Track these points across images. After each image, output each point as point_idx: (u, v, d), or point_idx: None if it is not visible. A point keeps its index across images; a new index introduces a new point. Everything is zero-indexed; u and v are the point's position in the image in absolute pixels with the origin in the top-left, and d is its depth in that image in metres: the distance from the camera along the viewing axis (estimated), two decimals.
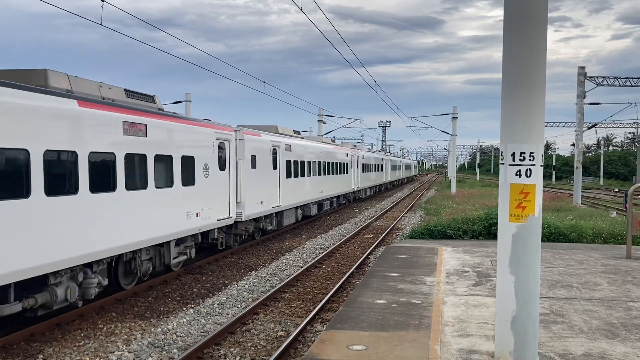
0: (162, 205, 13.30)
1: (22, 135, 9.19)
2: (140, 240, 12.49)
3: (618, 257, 15.62)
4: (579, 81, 34.06)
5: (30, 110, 9.40)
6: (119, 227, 11.62)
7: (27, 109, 9.36)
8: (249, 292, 13.53)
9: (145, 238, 12.67)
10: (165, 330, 10.30)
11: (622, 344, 8.16)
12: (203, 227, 15.45)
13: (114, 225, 11.44)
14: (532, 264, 6.86)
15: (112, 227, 11.38)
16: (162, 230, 13.29)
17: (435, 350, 7.79)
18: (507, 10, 6.82)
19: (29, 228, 9.27)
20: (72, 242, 10.26)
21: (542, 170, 6.89)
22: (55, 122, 9.97)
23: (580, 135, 35.22)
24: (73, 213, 10.29)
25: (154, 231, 12.95)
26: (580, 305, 10.31)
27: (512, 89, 6.81)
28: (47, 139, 9.74)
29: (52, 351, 9.35)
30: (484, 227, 20.01)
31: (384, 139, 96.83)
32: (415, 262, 14.74)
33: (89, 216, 10.71)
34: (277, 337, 10.25)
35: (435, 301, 10.55)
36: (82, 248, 10.53)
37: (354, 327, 8.87)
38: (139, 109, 12.76)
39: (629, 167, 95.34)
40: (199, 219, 15.13)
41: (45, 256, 9.60)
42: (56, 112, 10.00)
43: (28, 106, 9.37)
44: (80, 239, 10.46)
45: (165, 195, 13.44)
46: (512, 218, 6.88)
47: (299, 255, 18.68)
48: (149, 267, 13.51)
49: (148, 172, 12.70)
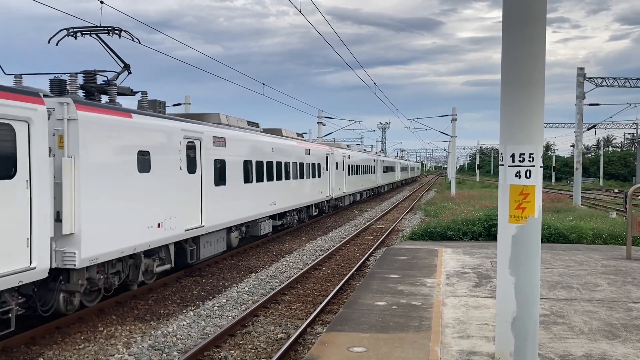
0: (251, 194, 19.04)
1: (242, 153, 18.13)
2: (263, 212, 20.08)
3: (618, 258, 15.62)
4: (578, 82, 34.09)
5: (242, 138, 18.25)
6: (250, 206, 18.81)
7: (241, 138, 18.18)
8: (249, 294, 13.52)
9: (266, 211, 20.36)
10: (165, 333, 10.30)
11: (622, 344, 8.16)
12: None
13: (246, 205, 18.47)
14: (532, 265, 6.85)
15: (245, 206, 18.34)
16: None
17: (435, 351, 7.78)
18: (505, 11, 6.83)
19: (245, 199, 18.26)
20: (242, 210, 18.04)
21: (541, 171, 6.89)
22: (250, 145, 18.98)
23: (580, 136, 35.25)
24: (244, 195, 18.34)
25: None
26: (581, 306, 10.31)
27: (511, 90, 6.82)
28: (246, 154, 18.42)
29: (52, 354, 9.34)
30: (484, 229, 20.01)
31: (384, 141, 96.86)
32: (415, 263, 14.73)
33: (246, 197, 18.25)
34: (277, 339, 10.24)
35: (436, 303, 10.55)
36: (244, 214, 18.33)
37: (354, 329, 8.87)
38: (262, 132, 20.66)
39: (628, 167, 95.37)
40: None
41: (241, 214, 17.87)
42: (247, 138, 18.81)
43: (242, 136, 18.38)
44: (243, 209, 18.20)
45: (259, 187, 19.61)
46: (512, 219, 6.88)
47: (299, 257, 18.67)
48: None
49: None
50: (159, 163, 13.00)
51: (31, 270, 9.27)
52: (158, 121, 13.19)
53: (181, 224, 13.96)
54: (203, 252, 15.55)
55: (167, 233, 13.29)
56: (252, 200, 19.18)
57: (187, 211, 14.26)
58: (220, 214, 16.36)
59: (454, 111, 47.09)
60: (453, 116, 47.26)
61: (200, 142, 15.10)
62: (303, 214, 27.12)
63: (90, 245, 10.54)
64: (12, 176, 9.00)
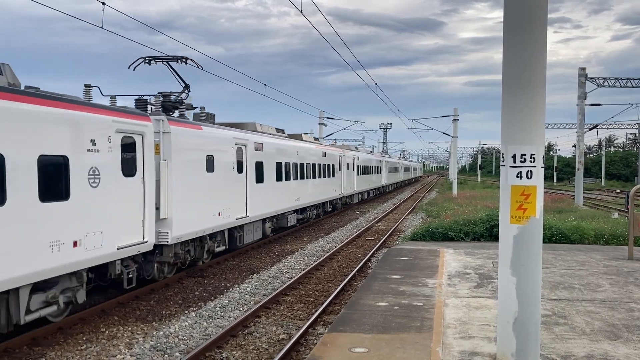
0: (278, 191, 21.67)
1: (275, 156, 21.19)
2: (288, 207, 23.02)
3: (620, 258, 15.61)
4: (580, 82, 34.06)
5: (274, 143, 21.31)
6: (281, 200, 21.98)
7: (273, 143, 21.26)
8: (250, 294, 13.53)
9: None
10: (167, 334, 10.31)
11: (624, 345, 8.15)
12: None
13: (277, 199, 21.52)
14: (534, 265, 6.85)
15: (276, 200, 21.39)
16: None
17: (437, 352, 7.78)
18: (506, 12, 6.83)
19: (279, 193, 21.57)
20: (275, 203, 21.20)
21: (542, 172, 6.89)
22: (280, 149, 22.08)
23: (582, 136, 35.23)
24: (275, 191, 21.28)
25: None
26: (582, 307, 10.30)
27: (512, 91, 6.82)
28: (277, 157, 21.68)
29: (55, 355, 9.36)
30: (486, 229, 20.00)
31: (385, 141, 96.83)
32: (417, 264, 14.73)
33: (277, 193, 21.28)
34: (279, 339, 10.25)
35: (437, 303, 10.55)
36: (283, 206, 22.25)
37: (355, 329, 8.87)
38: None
39: (630, 168, 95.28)
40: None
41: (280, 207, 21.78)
42: (278, 143, 21.85)
43: (274, 141, 21.46)
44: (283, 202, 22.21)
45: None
46: (513, 220, 6.88)
47: (301, 257, 18.68)
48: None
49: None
50: (219, 164, 16.28)
51: (144, 244, 12.52)
52: (218, 131, 16.61)
53: (233, 214, 17.28)
54: (246, 238, 18.78)
55: (224, 220, 16.63)
56: (282, 196, 22.39)
57: (237, 204, 17.63)
58: (259, 207, 19.60)
59: (456, 111, 47.09)
60: (454, 116, 47.25)
61: (246, 147, 18.46)
62: (319, 209, 29.98)
63: (177, 227, 13.81)
64: (134, 175, 12.13)
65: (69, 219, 10.04)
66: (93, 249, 10.71)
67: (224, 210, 16.44)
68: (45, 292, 9.83)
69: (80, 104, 10.68)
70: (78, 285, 10.66)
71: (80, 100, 10.92)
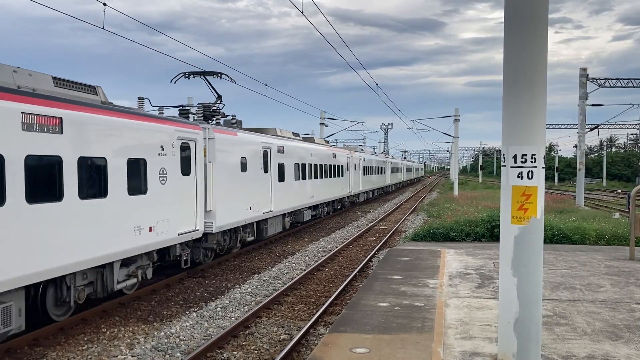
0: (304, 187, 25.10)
1: (293, 157, 23.57)
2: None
3: (621, 259, 15.60)
4: (581, 83, 34.04)
5: (293, 146, 23.68)
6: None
7: (292, 146, 23.60)
8: (251, 295, 13.54)
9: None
10: (168, 334, 10.32)
11: (625, 345, 8.15)
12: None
13: (295, 196, 24.13)
14: (535, 265, 6.85)
15: (294, 197, 23.98)
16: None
17: (438, 353, 7.79)
18: (507, 12, 6.83)
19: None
20: (293, 200, 23.75)
21: (543, 172, 6.89)
22: (297, 151, 24.57)
23: (583, 136, 35.19)
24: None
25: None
26: (584, 307, 10.30)
27: (513, 91, 6.82)
28: (296, 158, 24.02)
29: (56, 355, 9.37)
30: (487, 229, 20.00)
31: (386, 142, 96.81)
32: (418, 264, 14.73)
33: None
34: (280, 340, 10.25)
35: (438, 304, 10.55)
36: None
37: (356, 330, 8.88)
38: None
39: (631, 168, 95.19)
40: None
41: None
42: (295, 145, 24.35)
43: (293, 144, 23.76)
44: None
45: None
46: (514, 220, 6.88)
47: (302, 258, 18.68)
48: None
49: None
50: (250, 165, 18.89)
51: (196, 231, 15.02)
52: (249, 136, 19.38)
53: (261, 208, 19.88)
54: (270, 230, 21.37)
55: (254, 214, 19.26)
56: (299, 194, 24.81)
57: (264, 199, 20.21)
58: (281, 203, 22.09)
59: (457, 112, 47.06)
60: (455, 117, 47.22)
61: (270, 150, 20.96)
62: (329, 207, 32.26)
63: (220, 218, 16.29)
64: (189, 174, 14.67)
65: (146, 209, 12.50)
66: (162, 234, 13.16)
67: (254, 205, 19.05)
68: (128, 267, 12.29)
69: (153, 117, 13.23)
70: (148, 263, 13.13)
71: (154, 115, 13.73)
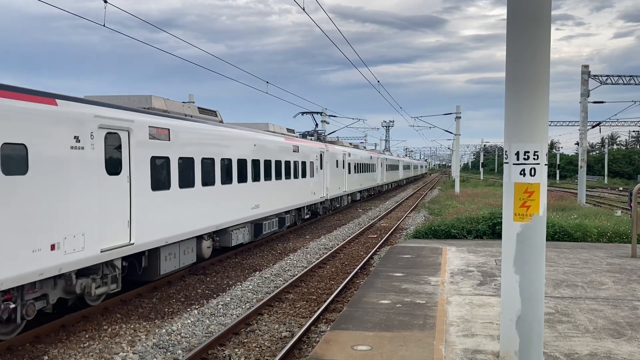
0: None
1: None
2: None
3: (623, 256, 15.58)
4: (583, 80, 33.98)
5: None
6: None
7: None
8: (253, 292, 13.53)
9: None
10: (169, 331, 10.31)
11: (628, 343, 8.13)
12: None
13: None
14: (537, 263, 6.83)
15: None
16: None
17: (440, 350, 7.77)
18: (510, 9, 6.80)
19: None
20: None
21: (546, 169, 6.87)
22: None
23: (584, 134, 35.14)
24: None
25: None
26: (586, 305, 10.28)
27: (515, 89, 6.79)
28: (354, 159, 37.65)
29: (57, 352, 9.37)
30: (488, 227, 19.99)
31: (387, 139, 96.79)
32: (420, 262, 14.72)
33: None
34: (281, 337, 10.25)
35: (440, 301, 10.54)
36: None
37: (358, 327, 8.87)
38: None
39: (633, 165, 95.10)
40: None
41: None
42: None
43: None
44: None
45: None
46: (517, 217, 6.86)
47: (303, 255, 18.67)
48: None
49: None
50: (329, 164, 31.33)
51: (323, 197, 29.87)
52: (337, 147, 34.03)
53: (334, 192, 32.07)
54: (332, 207, 33.26)
55: (337, 192, 32.73)
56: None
57: (337, 185, 32.53)
58: (338, 189, 32.92)
59: (458, 109, 46.98)
60: (457, 114, 47.15)
61: (340, 155, 33.82)
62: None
63: (329, 194, 30.93)
64: (324, 171, 28.38)
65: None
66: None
67: (329, 188, 30.05)
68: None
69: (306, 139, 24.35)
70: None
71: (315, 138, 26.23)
